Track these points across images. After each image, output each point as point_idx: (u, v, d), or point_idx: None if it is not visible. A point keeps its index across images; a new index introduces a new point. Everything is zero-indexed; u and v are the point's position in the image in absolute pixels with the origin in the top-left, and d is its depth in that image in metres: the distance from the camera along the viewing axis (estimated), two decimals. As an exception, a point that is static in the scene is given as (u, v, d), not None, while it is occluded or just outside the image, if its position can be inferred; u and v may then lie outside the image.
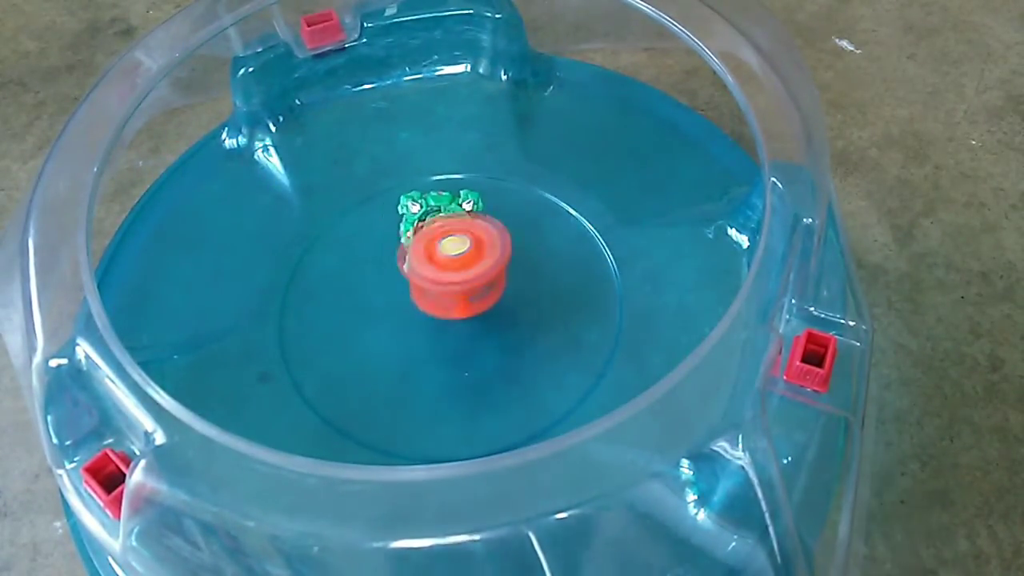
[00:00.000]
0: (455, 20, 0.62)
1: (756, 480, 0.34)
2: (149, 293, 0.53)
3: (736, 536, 0.37)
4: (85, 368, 0.38)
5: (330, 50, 0.60)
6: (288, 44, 0.59)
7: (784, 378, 0.37)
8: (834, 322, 0.39)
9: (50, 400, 0.39)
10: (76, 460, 0.37)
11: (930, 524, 0.52)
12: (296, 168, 0.59)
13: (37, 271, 0.41)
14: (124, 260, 0.54)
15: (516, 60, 0.63)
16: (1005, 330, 0.60)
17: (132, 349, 0.38)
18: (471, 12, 0.62)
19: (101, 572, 0.43)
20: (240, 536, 0.35)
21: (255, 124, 0.60)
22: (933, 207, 0.67)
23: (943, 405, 0.56)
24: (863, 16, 0.82)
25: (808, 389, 0.37)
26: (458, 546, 0.33)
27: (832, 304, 0.41)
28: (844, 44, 0.80)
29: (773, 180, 0.43)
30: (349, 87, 0.63)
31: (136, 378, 0.36)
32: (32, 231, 0.43)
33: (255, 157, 0.60)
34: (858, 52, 0.79)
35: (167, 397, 0.36)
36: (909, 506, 0.52)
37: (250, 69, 0.59)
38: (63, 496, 0.38)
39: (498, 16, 0.62)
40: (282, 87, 0.61)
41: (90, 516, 0.36)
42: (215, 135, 0.61)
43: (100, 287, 0.41)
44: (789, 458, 0.40)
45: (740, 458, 0.34)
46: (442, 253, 0.44)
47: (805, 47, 0.79)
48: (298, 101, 0.62)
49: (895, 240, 0.65)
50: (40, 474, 0.54)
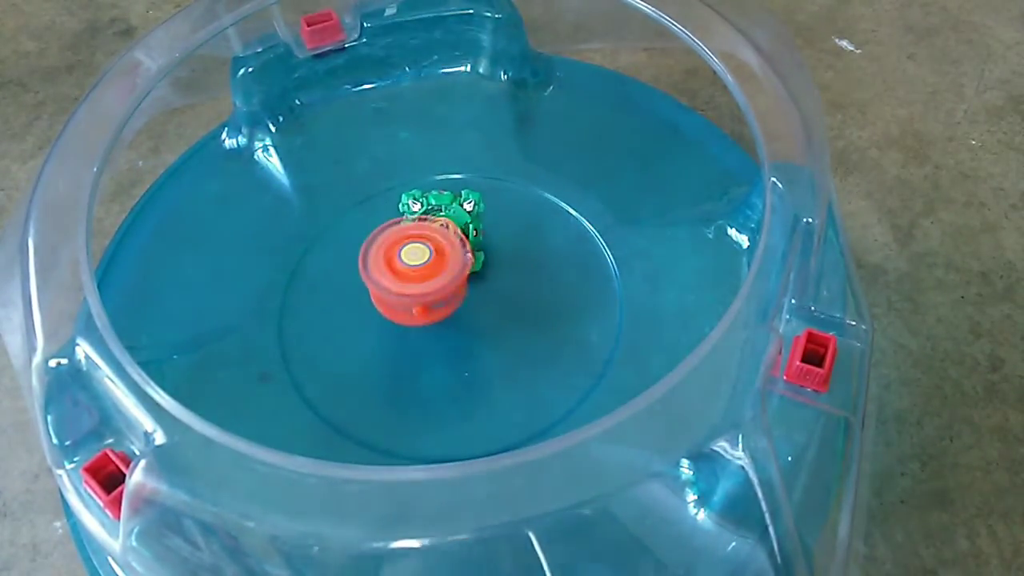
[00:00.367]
0: (455, 20, 0.62)
1: (756, 480, 0.34)
2: (149, 293, 0.53)
3: (736, 536, 0.37)
4: (85, 368, 0.38)
5: (330, 50, 0.60)
6: (288, 44, 0.59)
7: (784, 378, 0.37)
8: (834, 322, 0.39)
9: (50, 400, 0.39)
10: (76, 460, 0.37)
11: (930, 524, 0.52)
12: (296, 168, 0.59)
13: (37, 271, 0.41)
14: (124, 260, 0.54)
15: (516, 60, 0.63)
16: (1005, 330, 0.60)
17: (132, 349, 0.38)
18: (471, 12, 0.62)
19: (101, 572, 0.43)
20: (240, 536, 0.35)
21: (255, 124, 0.60)
22: (933, 207, 0.67)
23: (943, 405, 0.56)
24: (863, 16, 0.82)
25: (808, 389, 0.37)
26: (458, 546, 0.33)
27: (832, 304, 0.41)
28: (844, 44, 0.80)
29: (773, 180, 0.43)
30: (349, 87, 0.63)
31: (136, 378, 0.36)
32: (32, 231, 0.43)
33: (255, 157, 0.60)
34: (858, 52, 0.79)
35: (167, 397, 0.36)
36: (909, 506, 0.52)
37: (250, 69, 0.59)
38: (63, 496, 0.38)
39: (498, 16, 0.62)
40: (282, 87, 0.61)
41: (90, 516, 0.36)
42: (215, 135, 0.61)
43: (100, 287, 0.40)
44: (789, 458, 0.40)
45: (740, 458, 0.34)
46: (401, 262, 0.44)
47: (805, 47, 0.79)
48: (298, 101, 0.61)
49: (895, 240, 0.65)
50: (40, 474, 0.54)
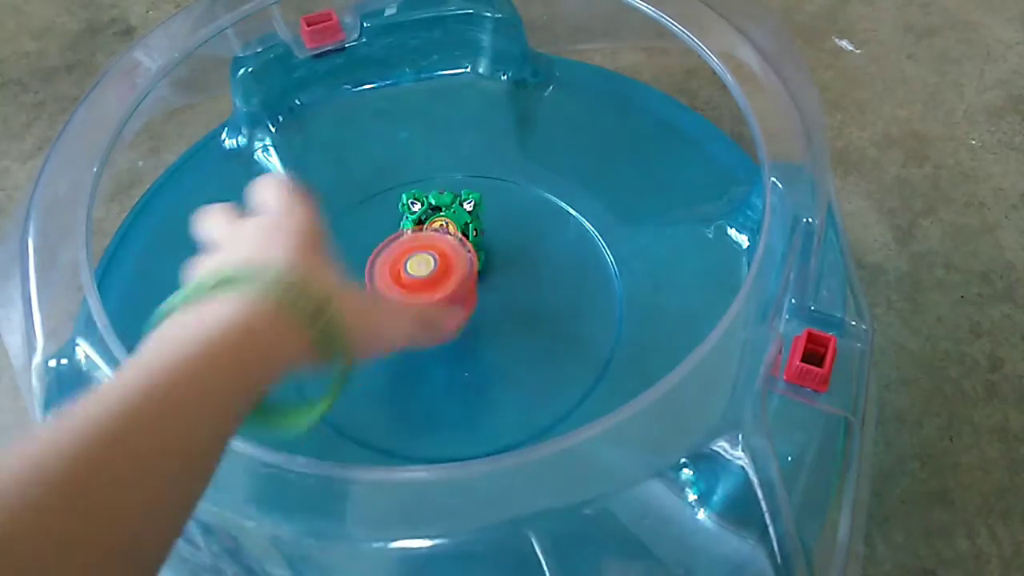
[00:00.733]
0: (455, 20, 0.62)
1: (756, 480, 0.34)
2: (149, 293, 0.52)
3: (736, 536, 0.37)
4: (85, 368, 0.38)
5: (330, 50, 0.60)
6: (288, 44, 0.59)
7: (784, 378, 0.37)
8: (834, 322, 0.39)
9: (50, 400, 0.39)
10: (76, 460, 0.37)
11: (930, 524, 0.52)
12: (296, 168, 0.59)
13: (37, 271, 0.41)
14: (124, 260, 0.54)
15: (516, 60, 0.63)
16: (1005, 330, 0.60)
17: (132, 349, 0.38)
18: (471, 12, 0.62)
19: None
20: (240, 536, 0.35)
21: (255, 124, 0.60)
22: (933, 207, 0.67)
23: (943, 405, 0.56)
24: (863, 16, 0.82)
25: (808, 389, 0.37)
26: (458, 546, 0.33)
27: (832, 304, 0.41)
28: (844, 44, 0.80)
29: (773, 180, 0.43)
30: (349, 87, 0.63)
31: (136, 378, 0.36)
32: (32, 231, 0.43)
33: (255, 157, 0.60)
34: (858, 52, 0.79)
35: (167, 397, 0.36)
36: (909, 506, 0.52)
37: (250, 69, 0.59)
38: (63, 496, 0.38)
39: (498, 16, 0.62)
40: (282, 87, 0.61)
41: (90, 516, 0.36)
42: (215, 135, 0.61)
43: (100, 287, 0.40)
44: (789, 458, 0.40)
45: (740, 458, 0.34)
46: (408, 275, 0.43)
47: (805, 47, 0.79)
48: (298, 101, 0.61)
49: (895, 240, 0.65)
50: (40, 474, 0.54)
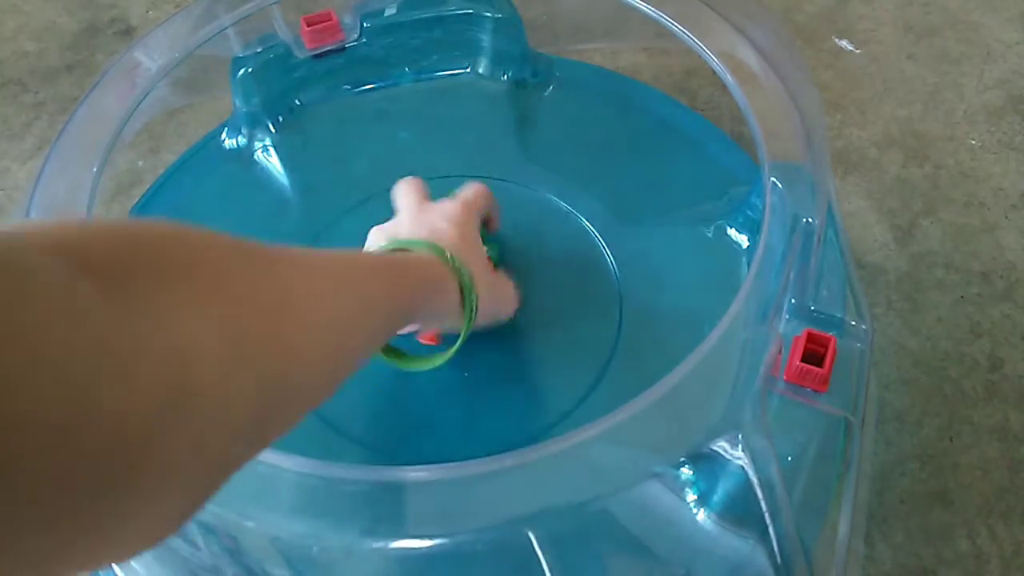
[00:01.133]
0: (455, 20, 0.62)
1: (756, 480, 0.34)
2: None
3: (736, 536, 0.37)
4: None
5: (330, 50, 0.60)
6: (288, 44, 0.59)
7: (784, 378, 0.37)
8: (834, 322, 0.39)
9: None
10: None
11: (930, 524, 0.52)
12: (296, 168, 0.59)
13: (37, 271, 0.41)
14: (124, 260, 0.54)
15: (516, 60, 0.63)
16: (1005, 330, 0.60)
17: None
18: (471, 12, 0.62)
19: (101, 572, 0.43)
20: (240, 536, 0.35)
21: (255, 124, 0.60)
22: (933, 207, 0.67)
23: (943, 405, 0.56)
24: (863, 16, 0.82)
25: (808, 389, 0.37)
26: (458, 546, 0.33)
27: (832, 304, 0.41)
28: (844, 44, 0.80)
29: (773, 180, 0.43)
30: (349, 87, 0.63)
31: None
32: (32, 231, 0.43)
33: (255, 157, 0.60)
34: (858, 52, 0.79)
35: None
36: (909, 506, 0.52)
37: (250, 69, 0.59)
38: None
39: (498, 16, 0.62)
40: (282, 87, 0.61)
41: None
42: (215, 135, 0.61)
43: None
44: (789, 458, 0.40)
45: (740, 458, 0.34)
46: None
47: (805, 47, 0.79)
48: (298, 101, 0.61)
49: (895, 240, 0.65)
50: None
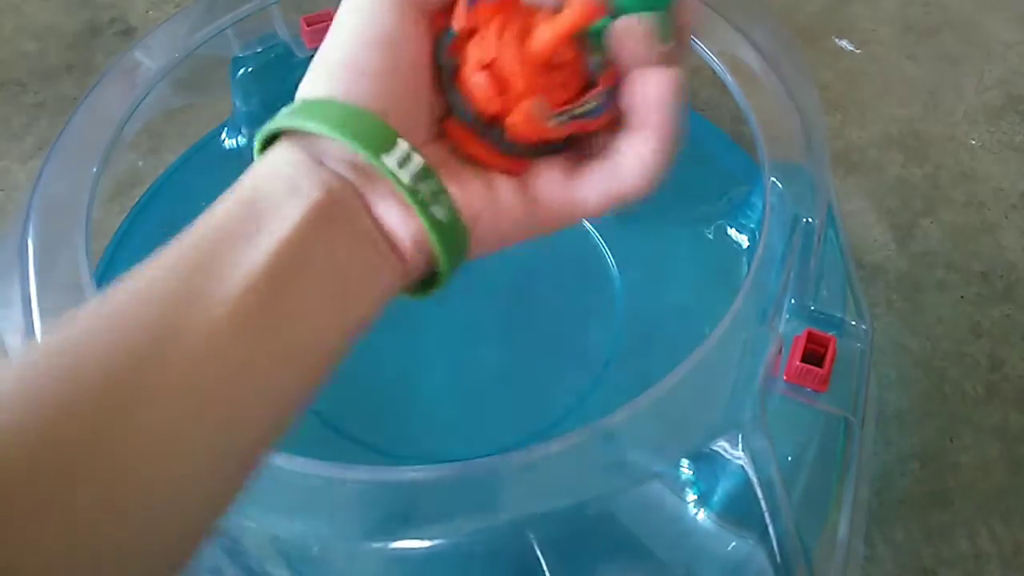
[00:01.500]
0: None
1: (756, 480, 0.34)
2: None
3: (736, 536, 0.37)
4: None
5: (330, 50, 0.60)
6: (288, 44, 0.59)
7: (784, 378, 0.37)
8: (834, 322, 0.39)
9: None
10: (76, 460, 0.37)
11: (930, 524, 0.52)
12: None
13: (36, 271, 0.41)
14: (124, 260, 0.54)
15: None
16: (1005, 330, 0.60)
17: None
18: (471, 12, 0.62)
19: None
20: (240, 536, 0.35)
21: (255, 124, 0.60)
22: (933, 207, 0.67)
23: (943, 405, 0.56)
24: (863, 16, 0.82)
25: (808, 389, 0.37)
26: (458, 546, 0.33)
27: (832, 304, 0.41)
28: (844, 44, 0.80)
29: (773, 180, 0.43)
30: (349, 87, 0.62)
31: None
32: (32, 231, 0.43)
33: (255, 157, 0.60)
34: (858, 52, 0.79)
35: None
36: (909, 506, 0.52)
37: (250, 69, 0.59)
38: (63, 496, 0.38)
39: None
40: (282, 87, 0.60)
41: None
42: (215, 135, 0.61)
43: (99, 287, 0.40)
44: (789, 458, 0.40)
45: (740, 458, 0.34)
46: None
47: (805, 47, 0.79)
48: (298, 101, 0.61)
49: (895, 240, 0.65)
50: (40, 474, 0.54)
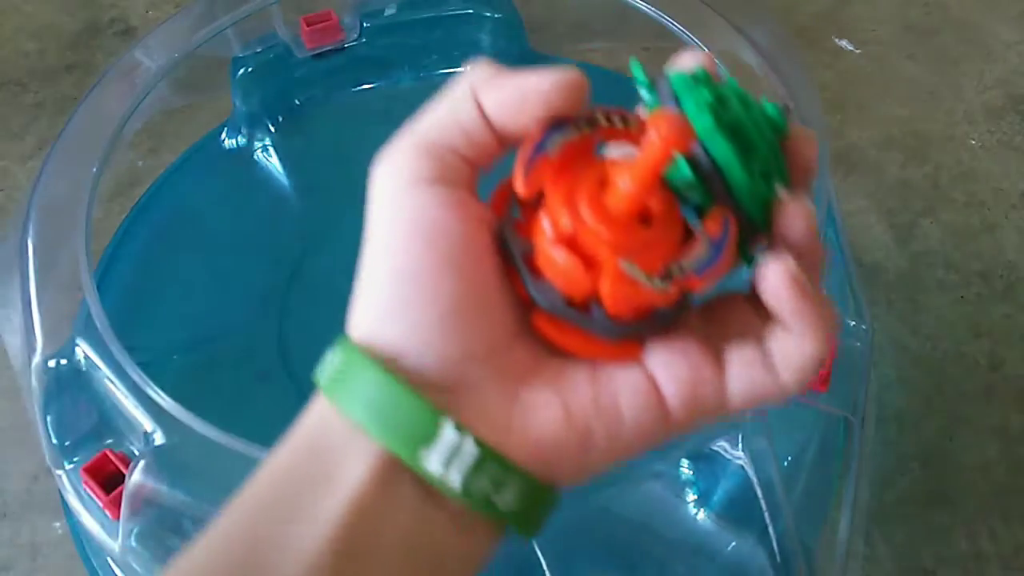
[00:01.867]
0: (455, 20, 0.62)
1: (756, 480, 0.34)
2: (149, 293, 0.53)
3: (736, 536, 0.37)
4: (84, 368, 0.38)
5: (329, 50, 0.60)
6: (288, 44, 0.59)
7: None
8: (834, 322, 0.39)
9: (49, 400, 0.39)
10: (75, 460, 0.37)
11: (930, 524, 0.52)
12: (296, 168, 0.59)
13: (36, 271, 0.41)
14: (124, 260, 0.54)
15: (516, 60, 0.62)
16: (1005, 330, 0.60)
17: (131, 349, 0.38)
18: (471, 12, 0.62)
19: (100, 572, 0.43)
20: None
21: (255, 124, 0.60)
22: (933, 207, 0.67)
23: (943, 405, 0.56)
24: (863, 16, 0.82)
25: (808, 389, 0.37)
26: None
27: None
28: (844, 44, 0.79)
29: (773, 180, 0.43)
30: (349, 87, 0.62)
31: (135, 378, 0.36)
32: (31, 231, 0.43)
33: (255, 157, 0.60)
34: (858, 52, 0.79)
35: (166, 398, 0.36)
36: (909, 506, 0.52)
37: (249, 69, 0.59)
38: (62, 496, 0.38)
39: (498, 16, 0.62)
40: (281, 87, 0.60)
41: (89, 516, 0.36)
42: (215, 135, 0.61)
43: (99, 287, 0.40)
44: (789, 458, 0.40)
45: (740, 458, 0.34)
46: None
47: (805, 47, 0.79)
48: (298, 101, 0.61)
49: (895, 240, 0.65)
50: (39, 475, 0.54)
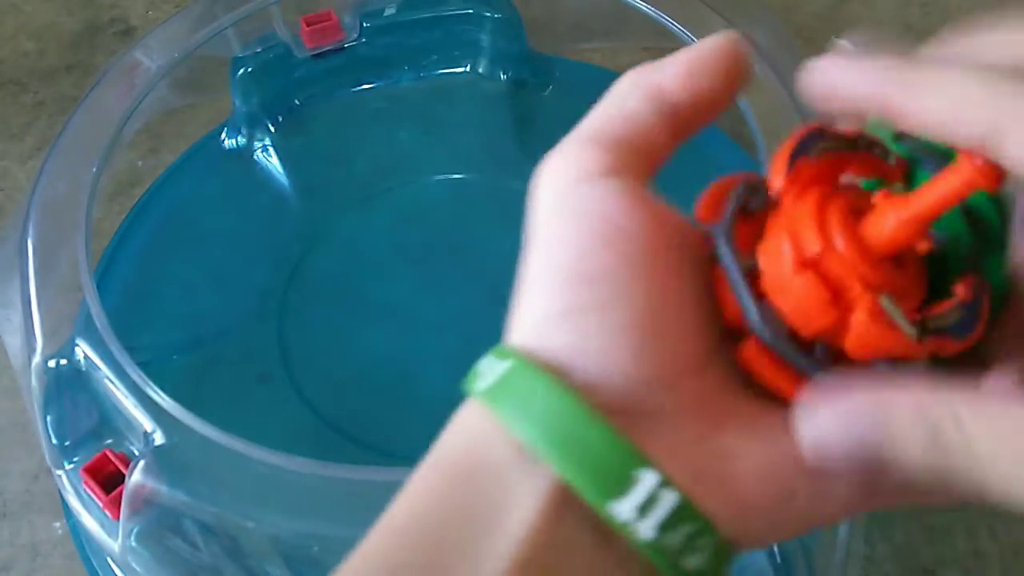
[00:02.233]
0: (455, 20, 0.62)
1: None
2: (148, 293, 0.53)
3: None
4: (84, 368, 0.38)
5: (329, 50, 0.60)
6: (287, 44, 0.59)
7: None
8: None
9: (49, 400, 0.39)
10: (75, 460, 0.37)
11: (930, 524, 0.52)
12: (296, 168, 0.59)
13: (36, 271, 0.41)
14: (123, 260, 0.54)
15: (516, 60, 0.63)
16: (1005, 330, 0.60)
17: (131, 349, 0.38)
18: (471, 12, 0.62)
19: (100, 573, 0.43)
20: (240, 536, 0.35)
21: (254, 124, 0.60)
22: (933, 207, 0.67)
23: (943, 405, 0.56)
24: (863, 16, 0.82)
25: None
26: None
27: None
28: (844, 44, 0.80)
29: (773, 180, 0.43)
30: (349, 87, 0.62)
31: (135, 378, 0.36)
32: (31, 231, 0.43)
33: (255, 157, 0.60)
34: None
35: (166, 397, 0.36)
36: (909, 506, 0.52)
37: (249, 69, 0.59)
38: (62, 496, 0.38)
39: (498, 16, 0.62)
40: (281, 87, 0.60)
41: (89, 516, 0.36)
42: (215, 135, 0.61)
43: (99, 287, 0.40)
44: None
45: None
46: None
47: (805, 47, 0.79)
48: (298, 101, 0.61)
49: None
50: (39, 474, 0.54)
